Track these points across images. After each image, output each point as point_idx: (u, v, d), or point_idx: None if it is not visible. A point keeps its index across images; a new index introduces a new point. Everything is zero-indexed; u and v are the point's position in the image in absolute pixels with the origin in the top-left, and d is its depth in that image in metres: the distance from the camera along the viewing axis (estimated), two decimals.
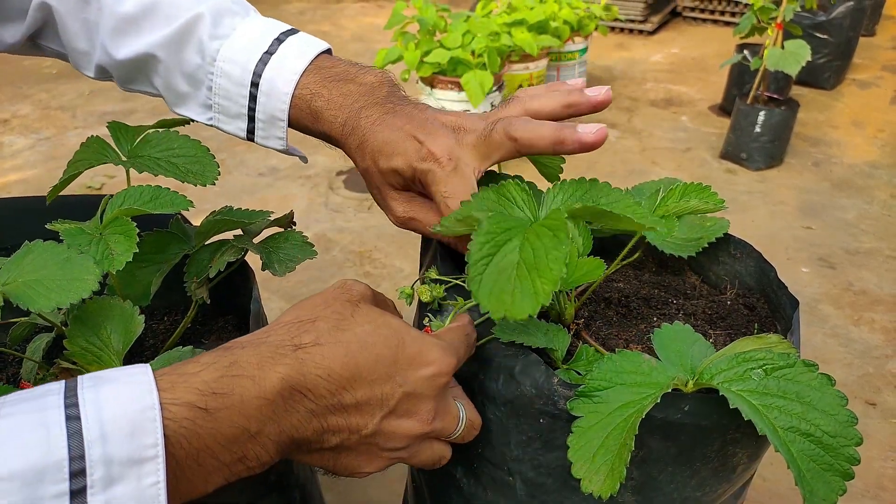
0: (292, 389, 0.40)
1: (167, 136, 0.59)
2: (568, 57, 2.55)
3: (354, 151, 0.58)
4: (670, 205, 0.63)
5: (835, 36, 2.80)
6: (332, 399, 0.41)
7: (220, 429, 0.38)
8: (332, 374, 0.41)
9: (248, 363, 0.40)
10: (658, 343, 0.49)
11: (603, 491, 0.42)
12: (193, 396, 0.37)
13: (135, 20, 0.61)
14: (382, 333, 0.44)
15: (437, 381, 0.45)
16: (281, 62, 0.60)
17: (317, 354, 0.41)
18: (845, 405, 0.42)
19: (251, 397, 0.39)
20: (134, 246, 0.49)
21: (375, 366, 0.42)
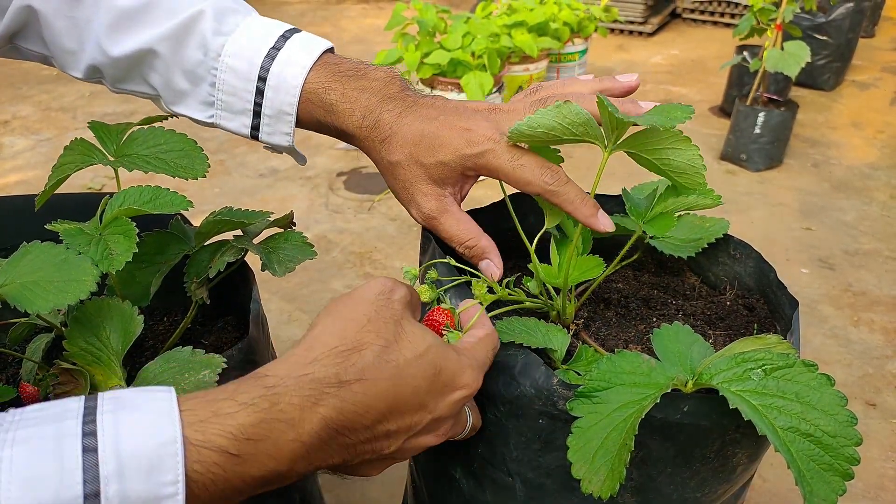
0: (329, 430, 0.39)
1: (153, 133, 0.59)
2: (568, 58, 2.55)
3: (380, 146, 0.58)
4: (668, 202, 0.63)
5: (834, 37, 2.80)
6: (367, 433, 0.41)
7: (249, 471, 0.36)
8: (370, 410, 0.40)
9: (289, 405, 0.38)
10: (657, 343, 0.49)
11: (603, 491, 0.42)
12: (226, 441, 0.36)
13: (134, 15, 0.60)
14: (422, 364, 0.43)
15: (463, 402, 0.45)
16: (289, 57, 0.59)
17: (359, 392, 0.40)
18: (845, 405, 0.42)
19: (286, 441, 0.37)
20: (133, 246, 0.49)
21: (412, 398, 0.42)
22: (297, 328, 1.43)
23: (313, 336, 0.43)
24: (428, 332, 0.45)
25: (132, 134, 0.59)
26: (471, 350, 0.47)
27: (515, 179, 0.54)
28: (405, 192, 0.58)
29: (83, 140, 0.58)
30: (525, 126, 0.51)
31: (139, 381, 0.50)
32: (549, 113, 0.50)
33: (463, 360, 0.45)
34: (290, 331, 1.42)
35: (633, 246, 0.61)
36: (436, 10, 2.05)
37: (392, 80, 0.59)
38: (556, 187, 0.54)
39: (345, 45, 3.72)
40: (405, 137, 0.56)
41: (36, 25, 0.63)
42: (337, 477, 1.06)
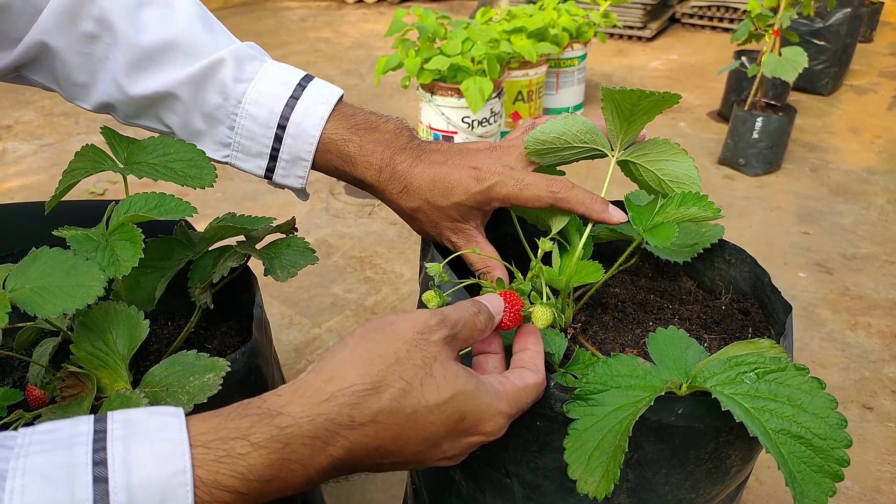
0: (337, 468, 0.40)
1: (163, 142, 0.60)
2: (567, 63, 2.57)
3: (398, 196, 0.61)
4: (669, 212, 0.64)
5: (832, 42, 2.81)
6: (371, 462, 0.42)
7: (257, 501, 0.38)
8: (379, 449, 0.41)
9: (301, 445, 0.38)
10: (653, 347, 0.50)
11: (598, 492, 0.43)
12: (237, 483, 0.36)
13: (154, 56, 0.61)
14: (445, 411, 0.42)
15: (480, 444, 0.45)
16: (307, 107, 0.62)
17: (370, 435, 0.40)
18: (835, 408, 0.43)
19: (295, 478, 0.38)
20: (139, 252, 0.50)
21: (426, 441, 0.42)
22: (297, 332, 1.44)
23: (335, 366, 0.41)
24: (460, 379, 0.43)
25: (142, 143, 0.60)
26: (511, 396, 0.45)
27: (526, 199, 0.57)
28: (434, 231, 0.63)
29: (94, 147, 0.59)
30: (539, 133, 0.57)
31: (145, 385, 0.51)
32: (559, 121, 0.56)
33: (494, 407, 0.44)
34: (291, 334, 1.43)
35: (631, 251, 0.62)
36: (435, 15, 2.06)
37: (402, 131, 0.63)
38: (564, 194, 0.57)
39: (345, 50, 3.74)
40: (420, 185, 0.60)
41: (48, 60, 0.63)
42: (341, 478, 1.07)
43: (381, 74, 2.00)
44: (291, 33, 4.13)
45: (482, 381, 0.44)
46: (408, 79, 2.02)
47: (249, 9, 4.89)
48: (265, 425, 0.38)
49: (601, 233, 0.65)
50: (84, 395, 0.50)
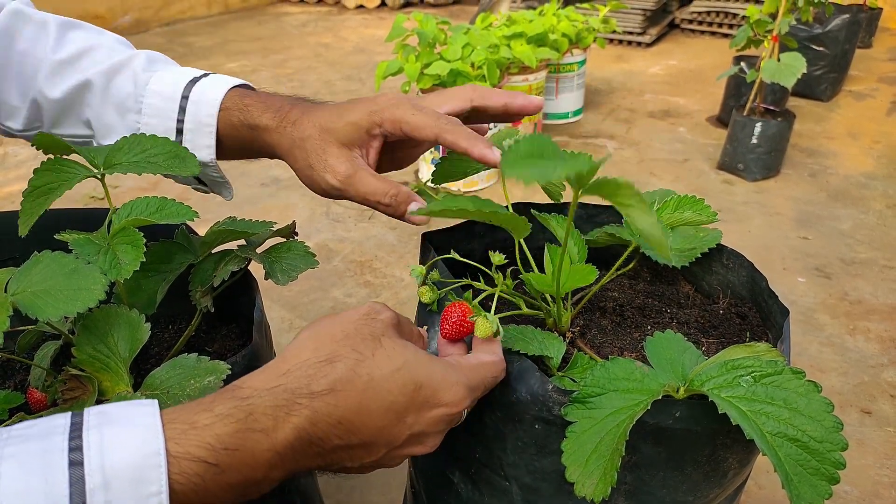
0: (302, 440, 0.40)
1: (139, 140, 0.59)
2: (567, 69, 2.58)
3: (291, 128, 0.61)
4: (665, 216, 0.64)
5: (831, 48, 2.83)
6: (340, 442, 0.42)
7: (227, 479, 0.38)
8: (342, 422, 0.41)
9: (263, 415, 0.39)
10: (650, 351, 0.51)
11: (596, 494, 0.43)
12: (205, 452, 0.37)
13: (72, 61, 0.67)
14: (400, 378, 0.43)
15: (448, 418, 0.46)
16: (211, 81, 0.65)
17: (331, 403, 0.41)
18: (831, 411, 0.43)
19: (262, 450, 0.39)
20: (141, 255, 0.51)
21: (387, 413, 0.43)
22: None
23: (289, 349, 0.44)
24: (409, 348, 0.45)
25: (116, 144, 0.59)
26: (467, 370, 0.47)
27: (415, 125, 0.57)
28: (318, 161, 0.59)
29: (58, 159, 0.56)
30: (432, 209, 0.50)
31: (146, 388, 0.51)
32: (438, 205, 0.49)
33: (450, 376, 0.45)
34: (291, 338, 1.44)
35: (629, 255, 0.62)
36: (436, 21, 2.07)
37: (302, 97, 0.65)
38: (450, 127, 0.56)
39: (346, 55, 3.75)
40: (314, 117, 0.60)
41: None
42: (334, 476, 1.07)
43: (381, 79, 2.00)
44: (292, 38, 4.14)
45: (434, 356, 0.47)
46: (408, 84, 2.03)
47: (250, 14, 4.90)
48: (227, 398, 0.40)
49: (599, 237, 0.66)
50: (85, 398, 0.50)
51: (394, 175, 2.25)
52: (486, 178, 2.10)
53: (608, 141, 2.51)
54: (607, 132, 2.60)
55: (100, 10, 4.21)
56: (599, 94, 3.03)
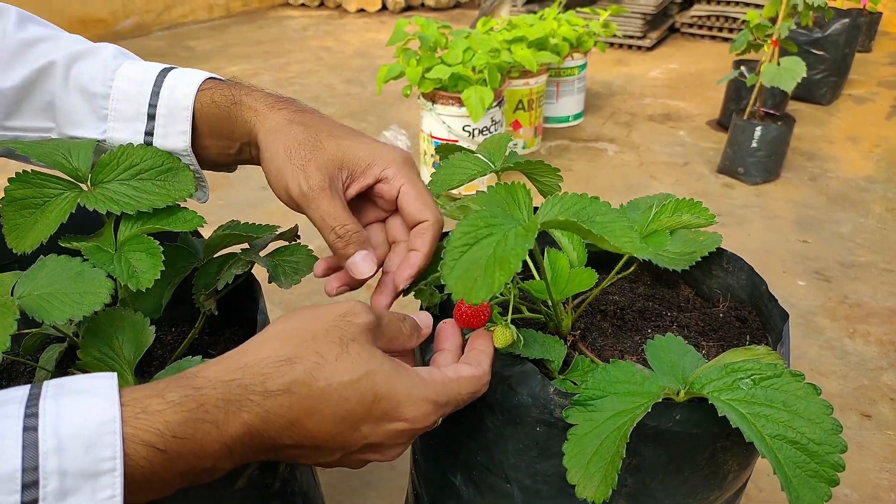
0: (254, 436, 0.40)
1: (128, 152, 0.56)
2: (567, 73, 2.58)
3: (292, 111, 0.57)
4: (663, 220, 0.65)
5: (831, 52, 2.83)
6: (292, 442, 0.42)
7: (175, 466, 0.38)
8: (295, 424, 0.41)
9: (214, 407, 0.39)
10: (651, 354, 0.51)
11: (596, 497, 0.43)
12: (154, 437, 0.37)
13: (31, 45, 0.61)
14: (359, 388, 0.42)
15: (409, 434, 0.44)
16: (183, 72, 0.61)
17: (284, 405, 0.40)
18: (830, 413, 0.44)
19: (211, 441, 0.39)
20: (160, 264, 0.51)
21: (342, 421, 0.42)
22: None
23: (253, 342, 0.43)
24: (377, 358, 0.43)
25: (102, 159, 0.55)
26: (439, 385, 0.46)
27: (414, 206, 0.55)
28: (299, 158, 0.54)
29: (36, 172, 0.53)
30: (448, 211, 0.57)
31: None
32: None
33: (416, 392, 0.44)
34: None
35: (630, 259, 0.63)
36: (437, 25, 2.08)
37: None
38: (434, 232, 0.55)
39: (347, 59, 3.76)
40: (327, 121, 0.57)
41: None
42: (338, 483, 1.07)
43: (382, 83, 2.01)
44: (293, 42, 4.15)
45: (403, 367, 0.45)
46: (409, 88, 2.04)
47: (251, 18, 4.91)
48: (180, 386, 0.39)
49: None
50: None
51: None
52: (485, 182, 2.10)
53: (608, 144, 2.52)
54: (608, 135, 2.60)
55: (101, 14, 4.22)
56: (600, 98, 3.03)
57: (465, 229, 0.44)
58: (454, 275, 0.43)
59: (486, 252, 0.43)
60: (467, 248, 0.44)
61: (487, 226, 0.45)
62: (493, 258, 0.43)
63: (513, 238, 0.44)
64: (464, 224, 0.45)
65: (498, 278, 0.42)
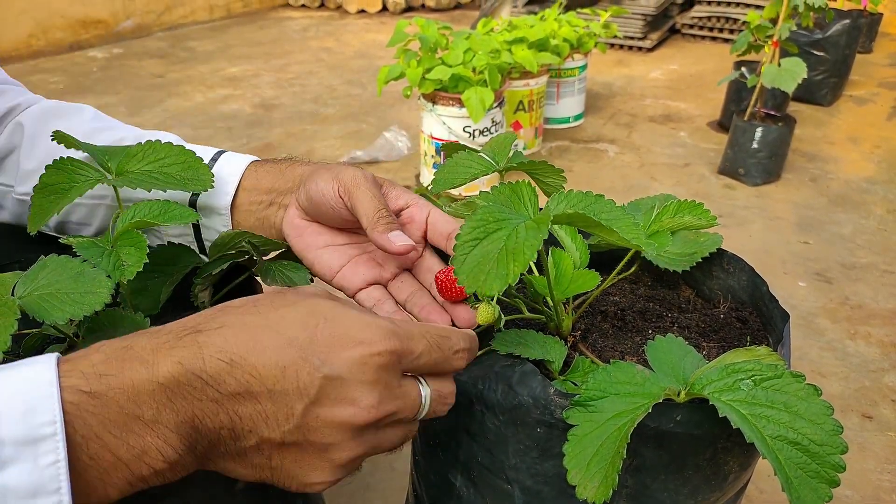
0: (191, 374, 0.36)
1: (153, 147, 0.58)
2: (568, 74, 2.59)
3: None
4: (665, 221, 0.65)
5: (831, 53, 2.83)
6: (239, 387, 0.37)
7: (108, 414, 0.35)
8: (235, 360, 0.37)
9: (142, 347, 0.37)
10: (651, 355, 0.51)
11: (597, 497, 0.43)
12: (78, 380, 0.35)
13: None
14: (300, 314, 0.39)
15: (371, 362, 0.39)
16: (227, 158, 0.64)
17: (218, 338, 0.37)
18: (831, 414, 0.44)
19: (142, 380, 0.36)
20: (144, 257, 0.51)
21: (286, 349, 0.38)
22: None
23: None
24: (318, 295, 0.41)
25: (130, 150, 0.58)
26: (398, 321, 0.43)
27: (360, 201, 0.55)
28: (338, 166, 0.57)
29: (71, 159, 0.55)
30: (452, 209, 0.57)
31: None
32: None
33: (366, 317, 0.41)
34: None
35: (630, 260, 0.63)
36: (437, 26, 2.08)
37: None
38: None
39: (347, 60, 3.76)
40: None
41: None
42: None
43: (382, 84, 2.01)
44: (294, 43, 4.15)
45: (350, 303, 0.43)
46: (409, 88, 2.04)
47: (252, 19, 4.92)
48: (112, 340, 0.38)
49: (601, 242, 0.66)
50: None
51: (397, 180, 2.26)
52: (486, 182, 2.10)
53: (609, 145, 2.52)
54: (608, 136, 2.60)
55: (102, 15, 4.22)
56: (600, 99, 3.03)
57: (475, 224, 0.44)
58: (465, 268, 0.43)
59: (497, 246, 0.43)
60: (477, 243, 0.44)
61: (497, 220, 0.45)
62: (506, 251, 0.43)
63: (524, 231, 0.44)
64: (473, 219, 0.45)
65: (513, 269, 0.41)
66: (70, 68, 3.53)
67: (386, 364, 0.40)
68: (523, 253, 0.42)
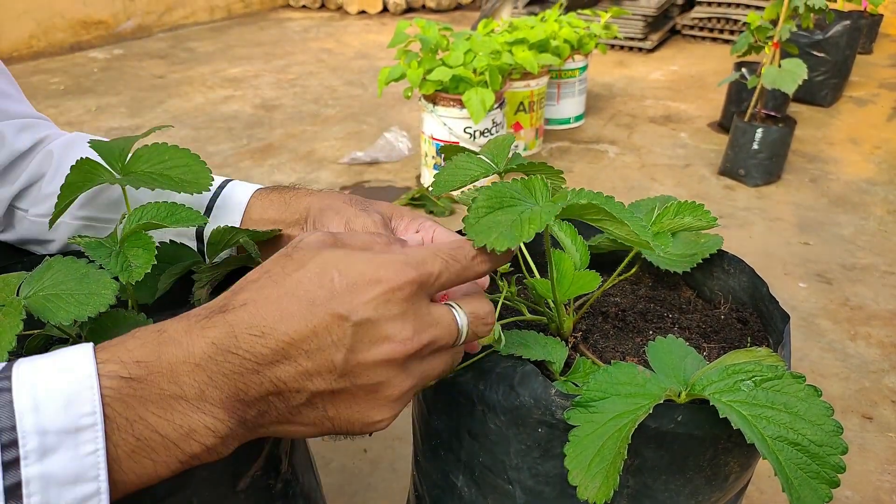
0: (226, 352, 0.38)
1: (158, 149, 0.60)
2: (568, 74, 2.59)
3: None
4: (665, 222, 0.65)
5: (832, 54, 2.84)
6: (275, 355, 0.39)
7: (150, 396, 0.36)
8: (266, 332, 0.38)
9: (175, 330, 0.38)
10: (652, 355, 0.51)
11: (598, 498, 0.43)
12: (117, 366, 0.37)
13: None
14: (313, 273, 0.40)
15: (394, 297, 0.40)
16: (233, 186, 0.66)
17: (245, 315, 0.39)
18: (831, 415, 0.44)
19: (178, 362, 0.37)
20: (152, 258, 0.51)
21: (311, 309, 0.39)
22: None
23: None
24: (326, 249, 0.42)
25: (137, 151, 0.60)
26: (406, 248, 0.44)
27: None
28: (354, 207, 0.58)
29: (89, 160, 0.58)
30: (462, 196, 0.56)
31: None
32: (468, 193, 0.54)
33: (377, 258, 0.41)
34: None
35: (631, 261, 0.63)
36: (438, 27, 2.08)
37: None
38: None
39: (348, 61, 3.76)
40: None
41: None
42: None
43: (383, 85, 2.02)
44: (294, 44, 4.16)
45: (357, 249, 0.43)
46: (410, 89, 2.04)
47: (253, 20, 4.93)
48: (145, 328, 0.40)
49: (601, 243, 0.66)
50: None
51: (397, 181, 2.26)
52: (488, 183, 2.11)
53: (609, 146, 2.52)
54: (609, 137, 2.60)
55: (102, 16, 4.23)
56: (601, 100, 3.04)
57: (491, 194, 0.44)
58: (478, 228, 0.43)
59: (511, 217, 0.43)
60: (491, 211, 0.44)
61: (512, 197, 0.45)
62: (520, 220, 0.43)
63: (538, 209, 0.44)
64: (490, 189, 0.45)
65: (527, 230, 0.42)
66: (71, 69, 3.53)
67: (409, 295, 0.41)
68: (540, 218, 0.42)
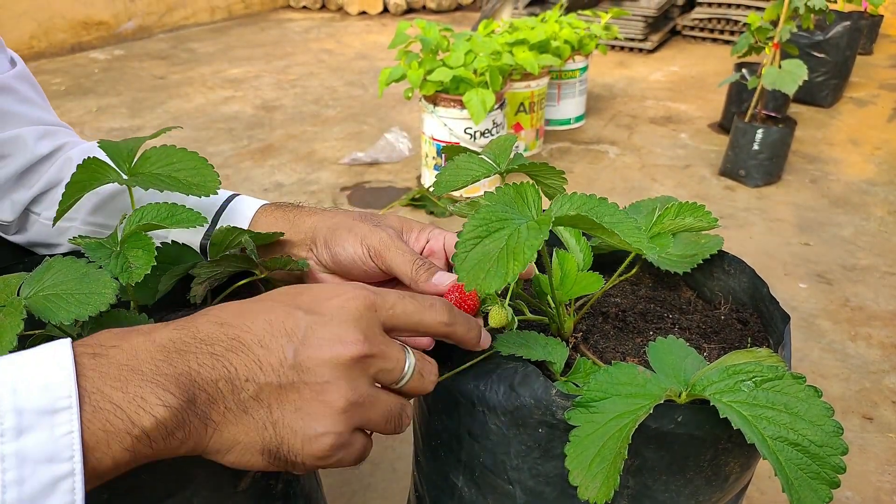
0: (187, 337, 0.41)
1: (166, 151, 0.61)
2: (569, 75, 2.59)
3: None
4: (666, 223, 0.65)
5: (832, 55, 2.84)
6: (231, 342, 0.42)
7: (109, 370, 0.38)
8: (226, 322, 0.42)
9: (145, 326, 0.42)
10: (653, 356, 0.51)
11: (599, 498, 0.43)
12: (86, 349, 0.39)
13: None
14: (282, 291, 0.46)
15: (349, 305, 0.44)
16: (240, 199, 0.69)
17: (210, 315, 0.43)
18: (831, 416, 0.44)
19: (140, 343, 0.40)
20: (152, 259, 0.51)
21: (272, 308, 0.43)
22: None
23: None
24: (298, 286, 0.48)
25: (145, 153, 0.61)
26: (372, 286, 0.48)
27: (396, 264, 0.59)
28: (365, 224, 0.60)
29: (96, 159, 0.59)
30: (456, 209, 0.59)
31: None
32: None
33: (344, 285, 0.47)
34: None
35: (632, 261, 0.63)
36: (438, 27, 2.08)
37: None
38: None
39: (349, 62, 3.76)
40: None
41: None
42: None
43: (384, 86, 2.02)
44: (295, 44, 4.16)
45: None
46: (411, 90, 2.04)
47: (253, 20, 4.93)
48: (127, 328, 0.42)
49: (602, 244, 0.66)
50: None
51: (398, 182, 2.26)
52: (489, 184, 2.11)
53: (610, 147, 2.52)
54: (609, 138, 2.60)
55: (103, 16, 4.23)
56: (601, 100, 3.04)
57: (477, 223, 0.45)
58: (466, 266, 0.44)
59: (499, 245, 0.44)
60: (479, 241, 0.44)
61: (499, 220, 0.45)
62: (507, 250, 0.43)
63: (525, 231, 0.44)
64: (475, 218, 0.45)
65: (512, 268, 0.42)
66: (71, 70, 3.53)
67: (363, 307, 0.45)
68: (523, 252, 0.43)
